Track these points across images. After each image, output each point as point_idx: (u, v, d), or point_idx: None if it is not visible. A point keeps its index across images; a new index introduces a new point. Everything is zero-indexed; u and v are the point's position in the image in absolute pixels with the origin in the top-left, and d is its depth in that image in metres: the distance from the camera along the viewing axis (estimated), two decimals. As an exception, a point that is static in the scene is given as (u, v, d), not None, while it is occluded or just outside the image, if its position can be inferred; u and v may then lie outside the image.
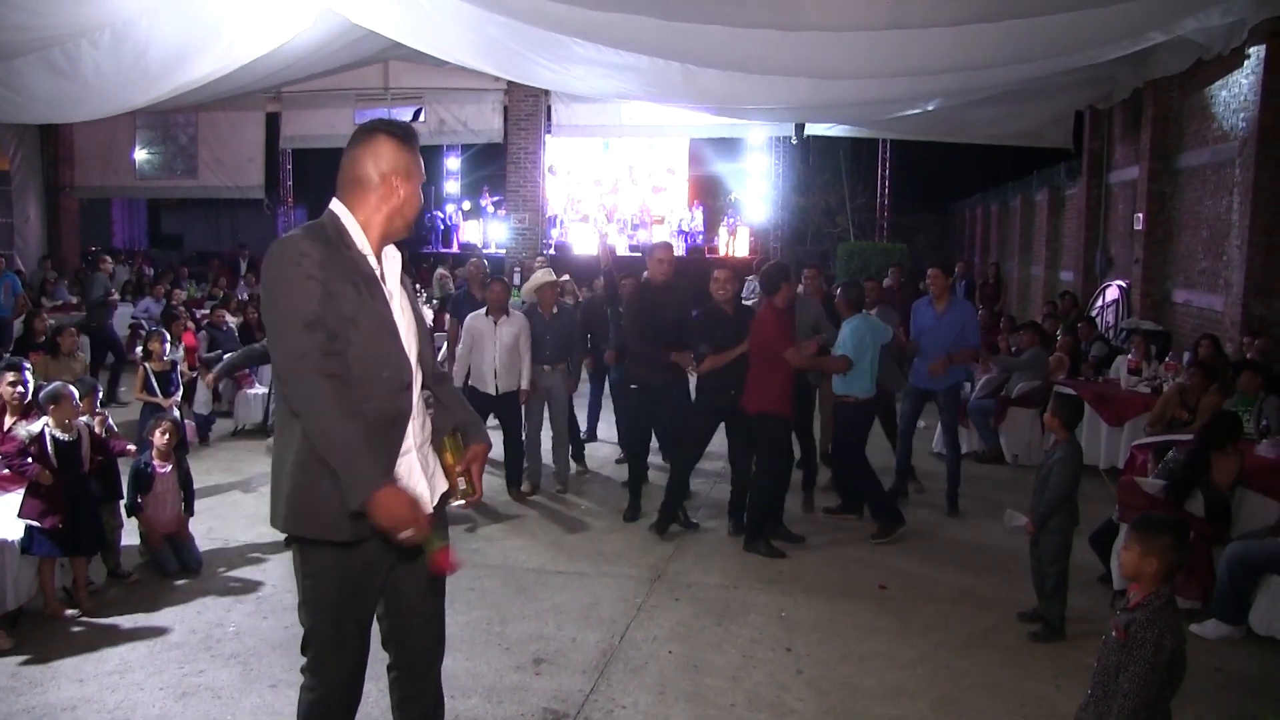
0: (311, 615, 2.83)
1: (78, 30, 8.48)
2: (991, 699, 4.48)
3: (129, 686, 4.43)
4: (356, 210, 2.76)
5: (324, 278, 2.60)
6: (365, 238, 2.76)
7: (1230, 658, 4.96)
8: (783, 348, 6.30)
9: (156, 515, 5.87)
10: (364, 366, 2.66)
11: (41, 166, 18.67)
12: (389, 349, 2.73)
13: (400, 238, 2.86)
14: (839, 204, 22.36)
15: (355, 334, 2.64)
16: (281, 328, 2.59)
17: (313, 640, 2.85)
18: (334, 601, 2.80)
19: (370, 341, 2.67)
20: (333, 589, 2.79)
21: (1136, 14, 7.70)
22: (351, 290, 2.65)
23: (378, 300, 2.72)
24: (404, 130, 2.82)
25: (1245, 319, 9.28)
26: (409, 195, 2.78)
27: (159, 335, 8.54)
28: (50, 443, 5.23)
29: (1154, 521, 3.29)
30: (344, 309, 2.62)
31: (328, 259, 2.63)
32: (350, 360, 2.63)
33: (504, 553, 6.34)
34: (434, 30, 9.24)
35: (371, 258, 2.76)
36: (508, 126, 17.38)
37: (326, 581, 2.79)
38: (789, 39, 8.10)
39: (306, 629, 2.86)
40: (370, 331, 2.67)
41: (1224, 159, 10.38)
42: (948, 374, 7.33)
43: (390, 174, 2.74)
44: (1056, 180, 17.09)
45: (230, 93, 14.13)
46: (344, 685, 2.90)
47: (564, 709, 4.29)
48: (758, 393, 6.36)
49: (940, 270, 7.55)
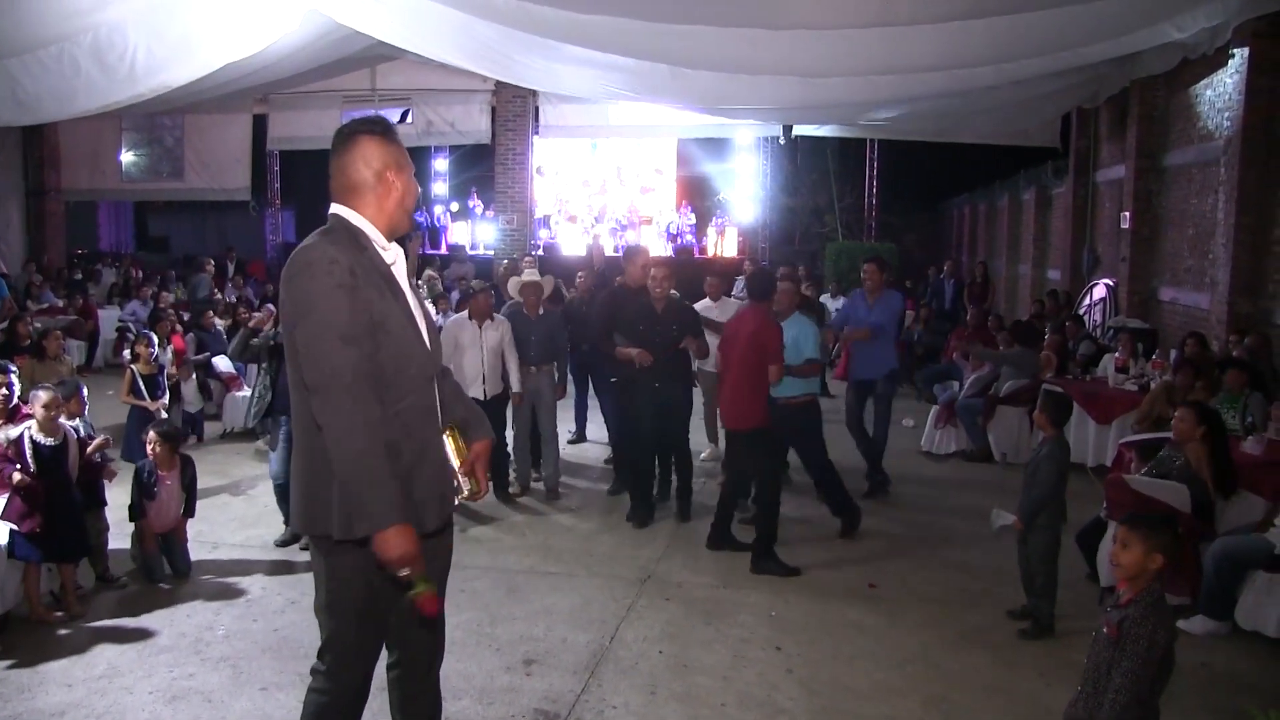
0: (334, 620, 2.83)
1: (62, 34, 8.43)
2: (981, 697, 4.49)
3: (118, 691, 4.41)
4: (361, 212, 2.79)
5: (354, 284, 2.61)
6: (380, 236, 2.81)
7: (1217, 653, 4.99)
8: (776, 361, 6.15)
9: (158, 518, 5.83)
10: (396, 364, 2.71)
11: (25, 170, 18.56)
12: (415, 344, 2.78)
13: (405, 230, 2.89)
14: (827, 204, 22.37)
15: (385, 337, 2.68)
16: (317, 342, 2.58)
17: (333, 645, 2.85)
18: (359, 606, 2.80)
19: (399, 340, 2.72)
20: (359, 593, 2.78)
21: (1121, 12, 7.74)
22: (377, 293, 2.68)
23: (399, 298, 2.77)
24: (383, 126, 2.84)
25: (1231, 317, 9.33)
26: (406, 185, 2.83)
27: (146, 338, 8.51)
28: (30, 447, 5.20)
29: (1138, 518, 3.31)
30: (374, 313, 2.65)
31: (356, 263, 2.65)
32: (383, 361, 2.66)
33: (494, 554, 6.34)
34: (420, 31, 9.23)
35: (387, 254, 2.81)
36: (495, 128, 17.37)
37: (353, 585, 2.78)
38: (776, 38, 8.11)
39: (328, 634, 2.85)
40: (398, 330, 2.72)
41: (1209, 158, 10.43)
42: (879, 363, 7.64)
43: (384, 170, 2.78)
44: (1044, 179, 17.15)
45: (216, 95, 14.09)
46: (356, 691, 2.91)
47: (555, 709, 4.29)
48: (744, 407, 6.17)
49: (875, 265, 7.84)
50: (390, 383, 2.68)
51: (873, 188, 19.88)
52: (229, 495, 7.59)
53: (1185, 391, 7.26)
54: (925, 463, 9.20)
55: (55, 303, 14.79)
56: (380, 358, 2.65)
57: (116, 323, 13.95)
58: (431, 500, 2.78)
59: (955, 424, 9.41)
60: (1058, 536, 5.18)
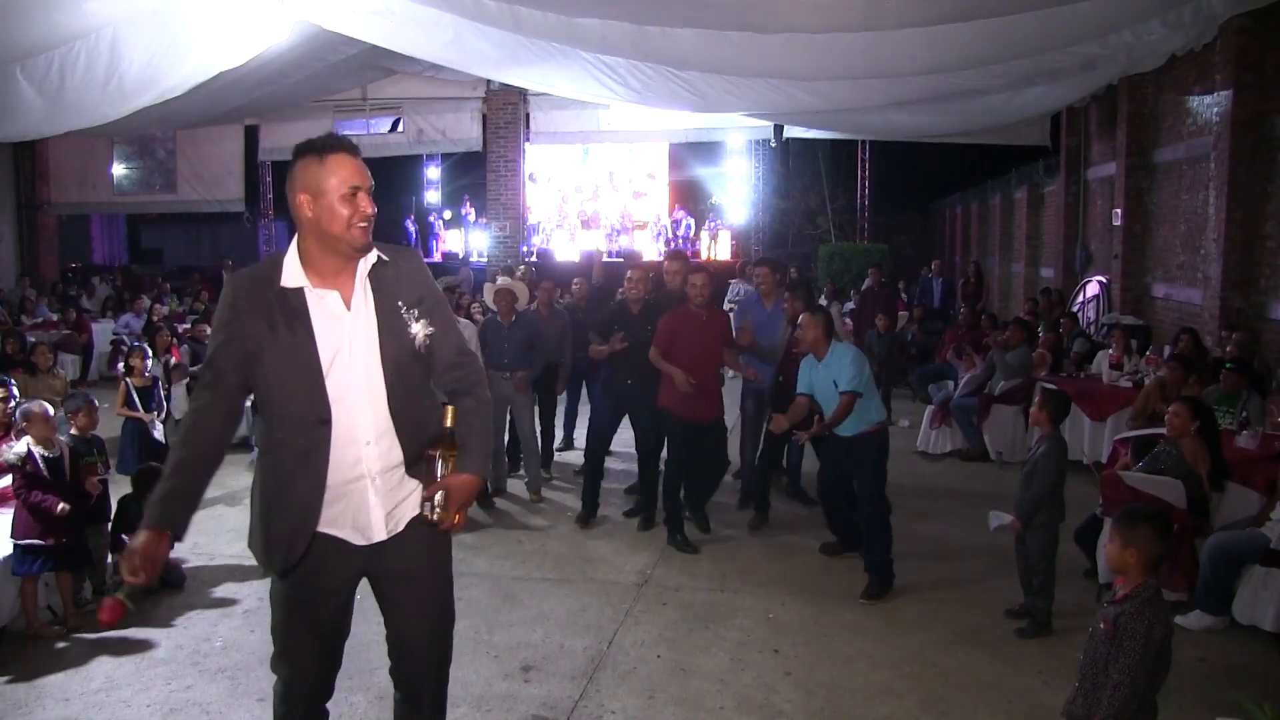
0: (272, 611, 2.96)
1: (49, 44, 8.43)
2: (979, 696, 4.50)
3: (116, 704, 4.40)
4: (300, 243, 2.75)
5: (229, 318, 2.73)
6: (300, 268, 2.72)
7: (1214, 648, 5.00)
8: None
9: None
10: (275, 399, 2.75)
11: (16, 183, 18.54)
12: (298, 384, 2.71)
13: (351, 253, 2.72)
14: (819, 206, 22.39)
15: (260, 370, 2.72)
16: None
17: (274, 634, 2.98)
18: (284, 605, 2.92)
19: (277, 376, 2.72)
20: (283, 590, 2.92)
21: (1107, 12, 7.77)
22: (264, 327, 2.69)
23: (296, 335, 2.70)
24: (304, 146, 2.72)
25: (1224, 312, 9.35)
26: (322, 211, 2.67)
27: (140, 351, 8.50)
28: (41, 461, 5.20)
29: (1132, 514, 3.32)
30: (248, 344, 2.71)
31: (247, 296, 2.73)
32: (260, 393, 2.77)
33: (489, 561, 6.33)
34: (409, 35, 9.24)
35: (309, 289, 2.72)
36: (487, 135, 17.37)
37: (277, 584, 2.93)
38: (764, 41, 8.13)
39: (271, 623, 2.99)
40: (277, 367, 2.71)
41: (1199, 154, 10.46)
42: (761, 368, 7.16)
43: (299, 192, 2.69)
44: (1035, 178, 17.19)
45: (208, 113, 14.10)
46: (306, 690, 2.99)
47: (553, 716, 4.29)
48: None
49: (768, 269, 7.59)
50: (269, 415, 2.79)
51: (865, 189, 19.92)
52: (225, 506, 7.57)
53: (1178, 387, 7.27)
54: (921, 463, 9.21)
55: (50, 317, 14.77)
56: (259, 389, 2.77)
57: (111, 336, 13.94)
58: (281, 539, 2.81)
59: (950, 424, 9.42)
60: (1056, 535, 5.19)
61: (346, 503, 2.80)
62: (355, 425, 2.75)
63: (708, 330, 6.61)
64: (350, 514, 2.81)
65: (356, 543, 2.84)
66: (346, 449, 2.75)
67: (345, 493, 2.79)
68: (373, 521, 2.81)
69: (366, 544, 2.84)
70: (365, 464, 2.78)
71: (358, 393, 2.74)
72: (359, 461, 2.77)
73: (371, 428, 2.77)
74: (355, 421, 2.75)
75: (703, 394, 6.49)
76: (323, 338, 2.71)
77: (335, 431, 2.73)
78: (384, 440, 2.79)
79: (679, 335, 6.53)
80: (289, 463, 2.74)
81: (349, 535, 2.83)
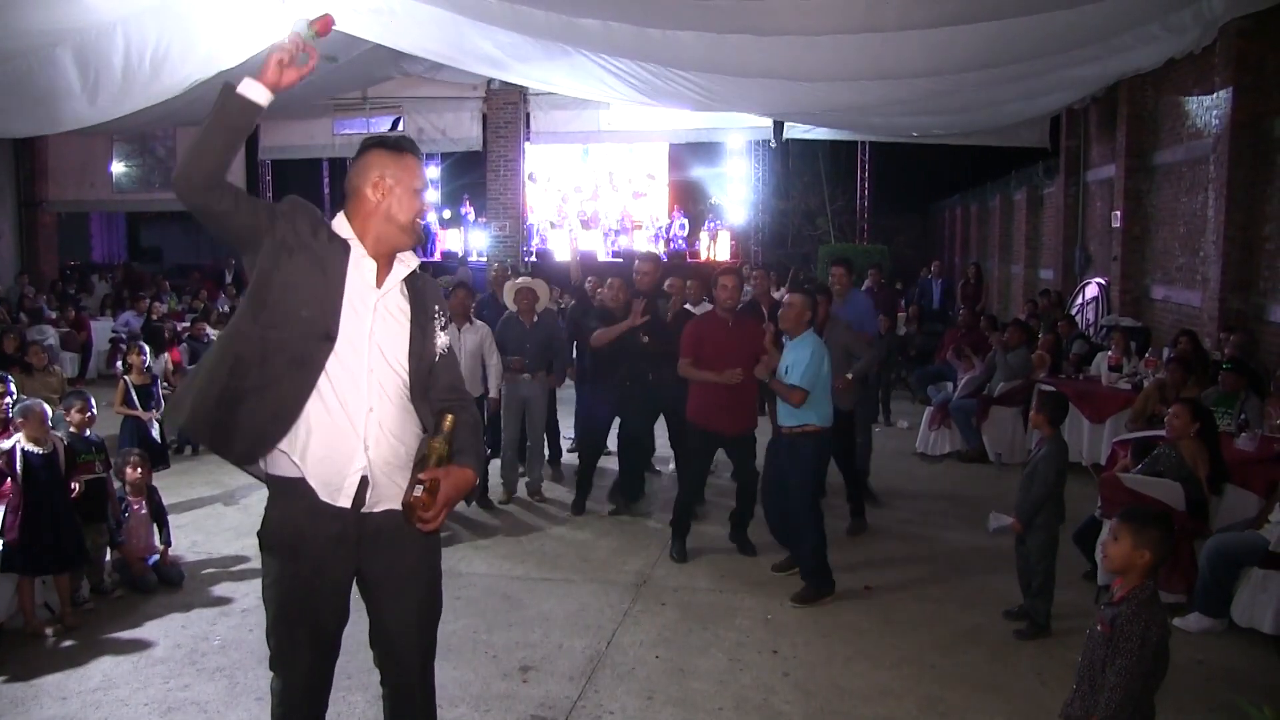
0: (267, 612, 2.94)
1: (50, 40, 8.41)
2: (978, 697, 4.50)
3: (113, 703, 4.39)
4: (353, 220, 2.86)
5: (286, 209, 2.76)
6: (360, 244, 2.84)
7: (1212, 650, 5.01)
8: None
9: (132, 546, 5.88)
10: (286, 299, 2.72)
11: (15, 181, 18.52)
12: (315, 294, 2.74)
13: (400, 244, 2.88)
14: (819, 206, 22.39)
15: (284, 263, 2.72)
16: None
17: (269, 635, 2.95)
18: (278, 606, 2.89)
19: (300, 277, 2.73)
20: (272, 595, 2.89)
21: (1108, 15, 7.75)
22: (308, 232, 2.76)
23: (330, 261, 2.78)
24: (391, 141, 2.92)
25: (1223, 314, 9.35)
26: (395, 199, 2.83)
27: (138, 349, 8.51)
28: (21, 458, 5.18)
29: (1143, 515, 3.30)
30: (288, 237, 2.72)
31: (304, 209, 2.79)
32: (276, 289, 2.72)
33: (488, 561, 6.33)
34: (410, 33, 9.23)
35: (354, 244, 2.83)
36: (487, 134, 17.33)
37: (272, 586, 2.89)
38: (764, 43, 8.12)
39: (266, 624, 2.97)
40: (301, 270, 2.73)
41: (1198, 156, 10.46)
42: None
43: (374, 171, 2.83)
44: (1035, 179, 17.19)
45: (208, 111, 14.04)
46: (302, 691, 2.98)
47: (552, 716, 4.28)
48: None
49: (844, 268, 7.83)
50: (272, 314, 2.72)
51: (864, 190, 19.91)
52: (222, 505, 7.57)
53: (1177, 389, 7.28)
54: (920, 464, 9.22)
55: (49, 315, 14.76)
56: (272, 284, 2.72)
57: (110, 334, 13.93)
58: (245, 432, 2.76)
59: (949, 425, 9.43)
60: (1055, 536, 5.19)
61: (334, 453, 2.76)
62: (358, 377, 2.78)
63: (735, 337, 6.24)
64: (338, 466, 2.78)
65: (338, 504, 2.79)
66: (347, 391, 2.77)
67: (333, 439, 2.76)
68: (349, 477, 2.78)
69: (349, 509, 2.80)
70: (364, 430, 2.78)
71: (372, 360, 2.80)
72: (355, 420, 2.77)
73: (375, 397, 2.80)
74: (359, 374, 2.78)
75: (735, 405, 6.20)
76: (351, 285, 2.80)
77: (336, 362, 2.75)
78: (386, 417, 2.82)
79: (704, 342, 6.24)
80: (279, 365, 2.72)
81: (330, 496, 2.79)
